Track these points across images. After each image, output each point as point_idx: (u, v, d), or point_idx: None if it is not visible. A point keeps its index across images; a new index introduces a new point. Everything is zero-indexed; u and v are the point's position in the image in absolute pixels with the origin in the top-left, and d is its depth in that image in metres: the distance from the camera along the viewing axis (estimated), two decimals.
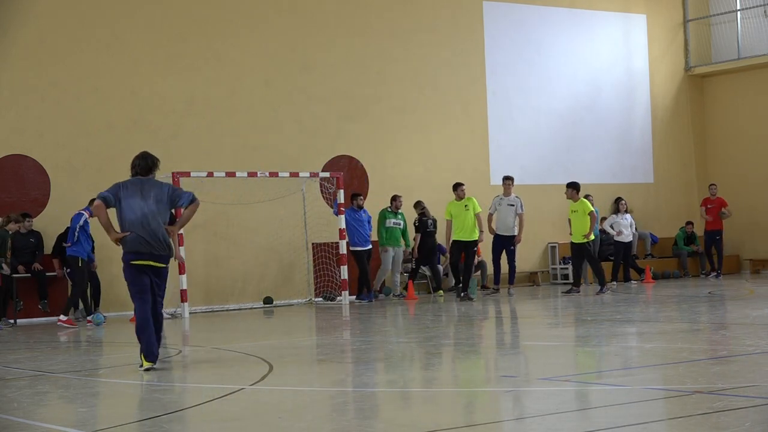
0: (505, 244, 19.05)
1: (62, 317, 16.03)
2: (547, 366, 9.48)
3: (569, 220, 19.06)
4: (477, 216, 18.51)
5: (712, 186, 22.82)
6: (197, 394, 8.54)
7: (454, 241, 18.61)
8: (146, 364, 9.75)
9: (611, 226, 21.69)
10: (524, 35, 23.24)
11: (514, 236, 18.97)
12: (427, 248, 20.20)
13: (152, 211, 9.82)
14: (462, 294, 18.46)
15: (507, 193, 19.19)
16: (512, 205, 19.00)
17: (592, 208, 18.72)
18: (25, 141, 18.17)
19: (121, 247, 9.94)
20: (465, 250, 18.49)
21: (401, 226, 19.92)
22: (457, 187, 18.74)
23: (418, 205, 20.50)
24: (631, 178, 24.57)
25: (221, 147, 19.58)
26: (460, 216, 18.48)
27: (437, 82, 22.00)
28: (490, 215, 19.38)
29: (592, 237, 18.76)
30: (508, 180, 19.36)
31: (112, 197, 9.80)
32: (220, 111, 19.67)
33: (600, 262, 19.26)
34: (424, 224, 20.24)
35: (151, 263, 9.86)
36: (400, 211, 19.90)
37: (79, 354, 12.29)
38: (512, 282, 19.53)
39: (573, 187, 18.85)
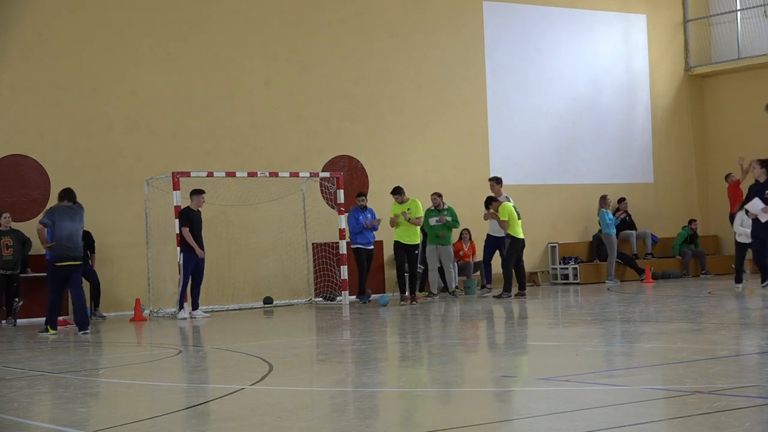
0: (497, 244, 19.01)
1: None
2: (547, 366, 9.47)
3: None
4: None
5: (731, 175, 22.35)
6: (197, 394, 8.53)
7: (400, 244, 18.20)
8: (51, 331, 14.26)
9: (741, 225, 20.94)
10: (524, 35, 23.23)
11: (503, 237, 18.63)
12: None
13: (77, 230, 14.21)
14: (413, 297, 18.19)
15: (497, 193, 19.05)
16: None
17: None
18: (25, 141, 18.17)
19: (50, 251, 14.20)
20: (407, 253, 18.10)
21: (442, 222, 19.29)
22: (398, 191, 18.36)
23: None
24: (631, 178, 24.55)
25: (221, 147, 19.58)
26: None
27: (437, 82, 21.99)
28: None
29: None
30: (495, 181, 19.09)
31: (50, 222, 14.09)
32: (220, 111, 19.66)
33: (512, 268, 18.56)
34: None
35: (71, 263, 14.15)
36: (446, 207, 19.42)
37: (79, 354, 12.28)
38: (489, 280, 19.67)
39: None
